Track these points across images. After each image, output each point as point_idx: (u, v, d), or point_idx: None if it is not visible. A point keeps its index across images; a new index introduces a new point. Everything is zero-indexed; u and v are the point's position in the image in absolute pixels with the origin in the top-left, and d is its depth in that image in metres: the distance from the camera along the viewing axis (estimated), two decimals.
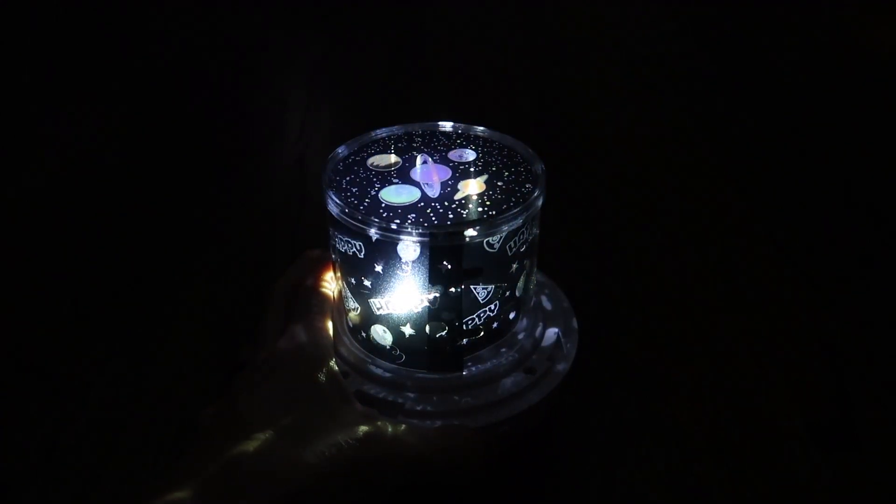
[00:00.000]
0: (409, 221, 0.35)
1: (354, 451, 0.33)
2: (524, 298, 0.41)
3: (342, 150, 0.41)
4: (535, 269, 0.41)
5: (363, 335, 0.39)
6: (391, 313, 0.37)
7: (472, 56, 0.96)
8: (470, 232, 0.35)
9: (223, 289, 0.53)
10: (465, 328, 0.37)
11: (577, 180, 0.67)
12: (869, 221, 0.61)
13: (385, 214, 0.36)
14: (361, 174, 0.39)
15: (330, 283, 0.42)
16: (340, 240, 0.38)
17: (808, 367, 0.46)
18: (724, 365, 0.46)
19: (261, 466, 0.31)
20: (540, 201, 0.38)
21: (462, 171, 0.40)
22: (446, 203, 0.37)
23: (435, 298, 0.36)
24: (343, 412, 0.35)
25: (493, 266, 0.37)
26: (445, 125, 0.44)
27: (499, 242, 0.36)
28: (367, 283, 0.37)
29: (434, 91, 0.86)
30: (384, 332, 0.38)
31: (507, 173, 0.39)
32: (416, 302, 0.37)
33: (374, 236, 0.35)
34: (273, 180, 0.68)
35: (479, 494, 0.38)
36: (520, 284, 0.39)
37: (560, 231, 0.58)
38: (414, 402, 0.37)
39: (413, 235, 0.35)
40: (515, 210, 0.36)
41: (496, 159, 0.41)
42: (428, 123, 0.44)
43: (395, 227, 0.35)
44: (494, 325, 0.39)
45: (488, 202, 0.37)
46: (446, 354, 0.38)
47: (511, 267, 0.38)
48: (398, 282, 0.36)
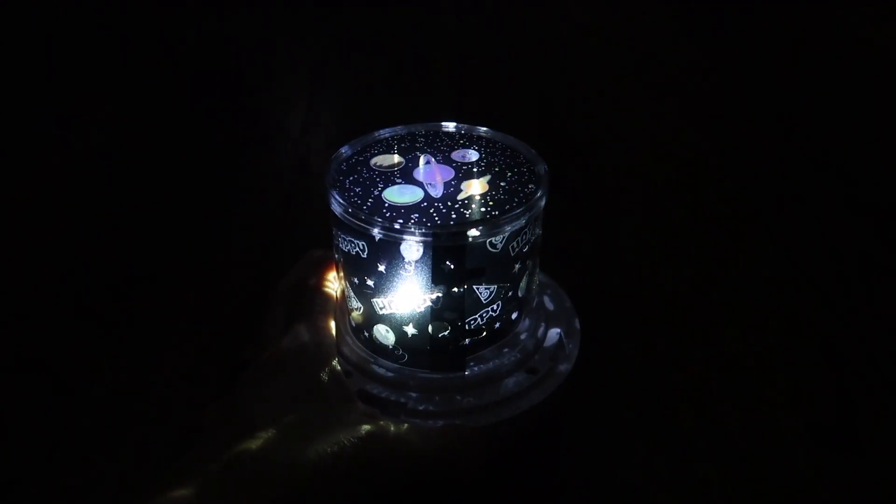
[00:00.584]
0: (413, 221, 0.35)
1: (357, 451, 0.33)
2: (526, 298, 0.41)
3: (345, 150, 0.41)
4: (537, 270, 0.41)
5: (366, 335, 0.40)
6: (394, 313, 0.37)
7: (476, 56, 0.96)
8: (473, 232, 0.35)
9: (226, 288, 0.53)
10: (467, 328, 0.38)
11: (579, 181, 0.67)
12: (869, 221, 0.61)
13: (388, 214, 0.36)
14: (365, 174, 0.39)
15: (333, 282, 0.42)
16: (344, 239, 0.38)
17: (808, 367, 0.46)
18: (724, 365, 0.46)
19: (263, 465, 0.31)
20: (542, 201, 0.38)
21: (465, 171, 0.40)
22: (449, 203, 0.37)
23: (438, 298, 0.36)
24: (345, 412, 0.35)
25: (495, 266, 0.37)
26: (448, 125, 0.44)
27: (501, 243, 0.36)
28: (370, 283, 0.37)
29: (437, 91, 0.86)
30: (387, 332, 0.38)
31: (509, 174, 0.39)
32: (419, 302, 0.37)
33: (378, 236, 0.36)
34: (275, 180, 0.68)
35: (480, 494, 0.38)
36: (522, 284, 0.40)
37: (563, 231, 0.58)
38: (416, 402, 0.37)
39: (416, 235, 0.35)
40: (518, 210, 0.36)
41: (499, 160, 0.41)
42: (431, 124, 0.44)
43: (398, 226, 0.35)
44: (497, 326, 0.39)
45: (491, 202, 0.37)
46: (449, 354, 0.38)
47: (514, 267, 0.38)
48: (401, 281, 0.36)
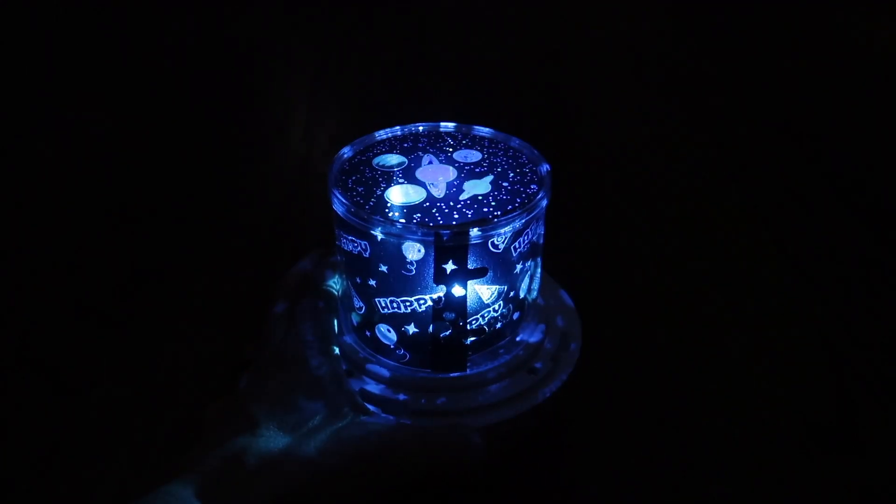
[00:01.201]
0: (415, 221, 0.35)
1: (357, 450, 0.33)
2: (528, 299, 0.41)
3: (348, 150, 0.42)
4: (539, 270, 0.41)
5: (367, 334, 0.40)
6: (396, 312, 0.38)
7: (478, 57, 0.96)
8: (475, 232, 0.35)
9: (227, 288, 0.53)
10: (468, 328, 0.38)
11: (581, 181, 0.67)
12: (869, 221, 0.62)
13: (390, 214, 0.36)
14: (367, 174, 0.39)
15: (335, 282, 0.43)
16: (346, 239, 0.38)
17: (808, 367, 0.46)
18: (725, 365, 0.46)
19: (264, 462, 0.32)
20: (545, 202, 0.38)
21: (467, 171, 0.40)
22: (451, 203, 0.37)
23: (439, 298, 0.36)
24: (346, 410, 0.35)
25: (497, 266, 0.37)
26: (451, 126, 0.44)
27: (503, 243, 0.36)
28: (371, 283, 0.37)
29: (439, 92, 0.86)
30: (388, 331, 0.39)
31: (512, 174, 0.39)
32: (421, 301, 0.37)
33: (380, 236, 0.36)
34: (277, 180, 0.68)
35: (480, 494, 0.38)
36: (524, 285, 0.40)
37: (564, 232, 0.58)
38: (417, 401, 0.38)
39: (418, 235, 0.35)
40: (520, 211, 0.36)
41: (501, 160, 0.41)
42: (433, 124, 0.44)
43: (400, 226, 0.35)
44: (498, 326, 0.39)
45: (493, 203, 0.37)
46: (450, 354, 0.38)
47: (515, 267, 0.38)
48: (403, 281, 0.37)
